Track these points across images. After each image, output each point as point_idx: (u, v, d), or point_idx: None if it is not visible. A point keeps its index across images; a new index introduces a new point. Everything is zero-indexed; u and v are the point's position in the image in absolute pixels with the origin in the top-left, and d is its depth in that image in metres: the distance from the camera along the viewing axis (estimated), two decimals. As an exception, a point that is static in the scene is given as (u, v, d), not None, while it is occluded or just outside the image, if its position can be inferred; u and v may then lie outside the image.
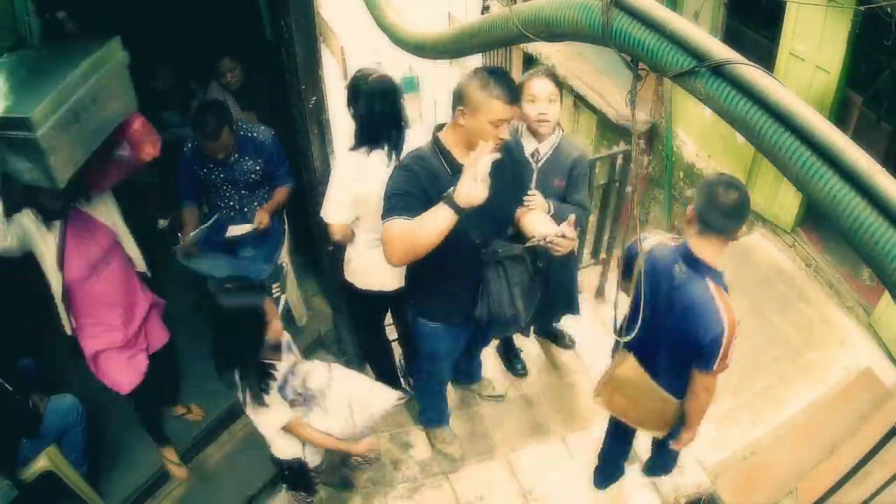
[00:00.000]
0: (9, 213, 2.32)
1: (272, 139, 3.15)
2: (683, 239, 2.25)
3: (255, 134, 3.12)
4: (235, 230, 3.17)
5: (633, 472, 3.38)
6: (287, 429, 2.21)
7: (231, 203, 3.22)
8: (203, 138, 2.91)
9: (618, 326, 2.38)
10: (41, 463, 2.65)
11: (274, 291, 3.33)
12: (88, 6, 3.92)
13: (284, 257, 3.41)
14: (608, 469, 3.12)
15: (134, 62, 2.18)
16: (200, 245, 3.10)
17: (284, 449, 2.34)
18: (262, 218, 3.15)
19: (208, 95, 3.76)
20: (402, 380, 3.57)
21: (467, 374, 3.57)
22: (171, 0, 3.76)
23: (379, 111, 2.45)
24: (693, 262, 2.16)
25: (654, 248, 2.27)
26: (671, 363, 2.34)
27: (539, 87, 2.70)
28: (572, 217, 2.18)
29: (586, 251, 4.18)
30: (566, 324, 3.93)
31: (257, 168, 3.14)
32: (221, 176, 3.12)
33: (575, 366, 3.91)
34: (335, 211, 2.56)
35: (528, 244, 2.26)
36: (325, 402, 2.31)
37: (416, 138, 2.60)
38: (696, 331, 2.12)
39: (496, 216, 2.34)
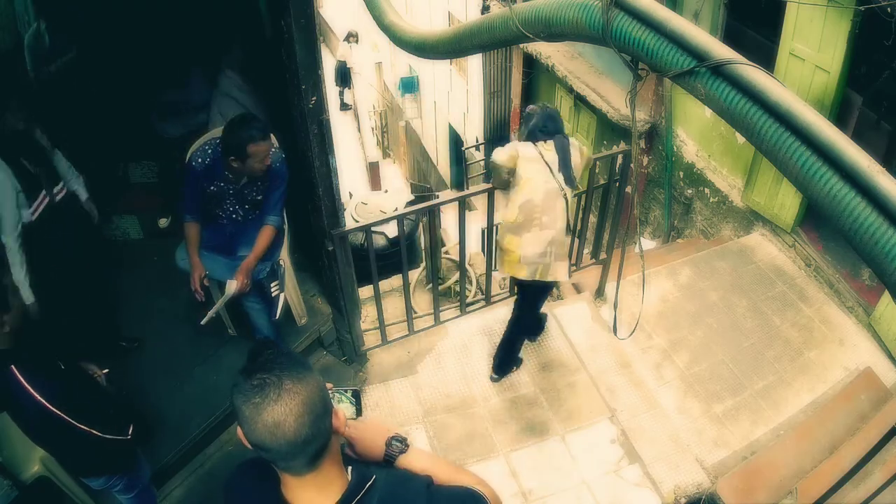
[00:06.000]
0: None
1: (281, 163, 3.10)
2: None
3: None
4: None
5: (632, 472, 3.39)
6: None
7: (234, 216, 3.21)
8: (258, 146, 2.82)
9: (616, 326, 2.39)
10: (35, 468, 2.63)
11: (272, 290, 3.32)
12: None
13: (283, 256, 3.41)
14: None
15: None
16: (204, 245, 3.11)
17: None
18: (242, 281, 3.07)
19: (220, 84, 3.75)
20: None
21: None
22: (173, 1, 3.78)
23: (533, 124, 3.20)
24: None
25: None
26: None
27: None
28: None
29: (586, 251, 4.19)
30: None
31: (263, 188, 3.13)
32: (230, 191, 3.11)
33: (575, 366, 3.91)
34: (502, 153, 3.17)
35: None
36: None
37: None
38: None
39: None
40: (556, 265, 3.21)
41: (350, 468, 1.27)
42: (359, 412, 1.40)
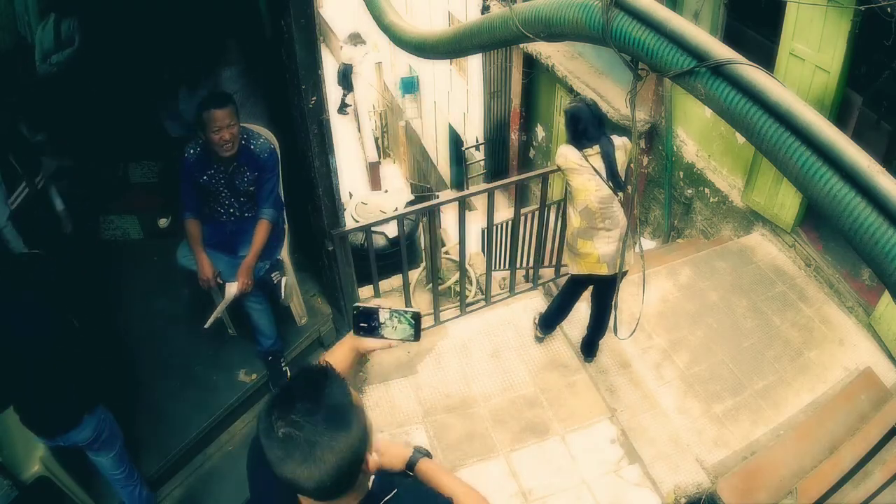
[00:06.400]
0: None
1: (269, 153, 3.10)
2: None
3: (253, 146, 3.08)
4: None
5: (632, 472, 3.39)
6: None
7: (231, 210, 3.21)
8: (210, 113, 2.85)
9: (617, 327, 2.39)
10: (35, 468, 2.63)
11: (273, 278, 3.30)
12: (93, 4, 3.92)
13: (284, 256, 3.41)
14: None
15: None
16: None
17: None
18: (243, 282, 3.09)
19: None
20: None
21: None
22: (171, 1, 3.77)
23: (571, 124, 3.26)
24: None
25: None
26: None
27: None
28: None
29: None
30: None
31: (253, 179, 3.13)
32: (222, 181, 3.11)
33: (575, 366, 3.91)
34: (558, 158, 3.29)
35: None
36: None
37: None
38: None
39: None
40: (626, 255, 3.37)
41: (371, 478, 1.26)
42: (416, 336, 1.41)
